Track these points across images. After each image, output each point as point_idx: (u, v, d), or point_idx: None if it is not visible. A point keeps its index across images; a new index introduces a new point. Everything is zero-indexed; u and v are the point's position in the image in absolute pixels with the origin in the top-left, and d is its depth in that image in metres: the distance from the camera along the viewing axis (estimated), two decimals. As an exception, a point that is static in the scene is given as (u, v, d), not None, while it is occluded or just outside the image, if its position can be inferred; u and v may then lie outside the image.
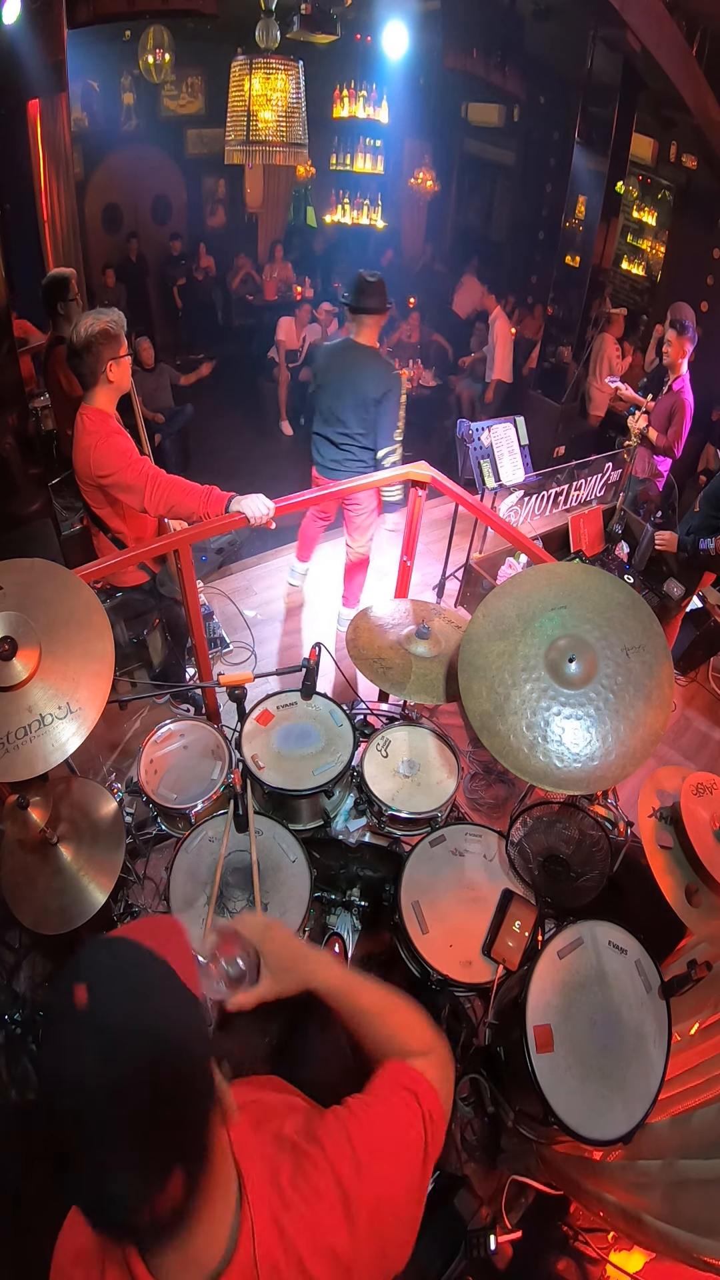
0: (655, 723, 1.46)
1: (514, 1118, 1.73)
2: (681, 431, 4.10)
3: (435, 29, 6.19)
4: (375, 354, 3.20)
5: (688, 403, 4.04)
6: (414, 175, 8.31)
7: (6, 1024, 1.92)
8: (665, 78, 4.99)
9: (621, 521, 3.94)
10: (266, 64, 4.03)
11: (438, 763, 2.03)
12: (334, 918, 2.03)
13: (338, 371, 3.17)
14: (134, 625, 2.54)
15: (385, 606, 2.17)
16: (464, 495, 2.67)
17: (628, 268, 6.94)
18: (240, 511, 2.17)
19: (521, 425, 3.94)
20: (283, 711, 2.07)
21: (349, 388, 3.14)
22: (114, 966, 0.67)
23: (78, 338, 2.19)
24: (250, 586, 4.08)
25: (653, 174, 6.38)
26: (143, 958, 0.69)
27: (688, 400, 4.04)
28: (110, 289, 7.06)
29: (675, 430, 4.11)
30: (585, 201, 6.70)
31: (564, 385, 6.29)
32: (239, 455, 6.52)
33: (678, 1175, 1.35)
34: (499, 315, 6.40)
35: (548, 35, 6.15)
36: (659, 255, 6.63)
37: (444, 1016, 1.87)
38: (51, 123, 4.09)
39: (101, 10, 4.81)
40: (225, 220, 8.54)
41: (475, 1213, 1.62)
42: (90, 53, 6.02)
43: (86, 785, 1.80)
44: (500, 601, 1.65)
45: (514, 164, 7.83)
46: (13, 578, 1.55)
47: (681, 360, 3.99)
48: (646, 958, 1.60)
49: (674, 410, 4.07)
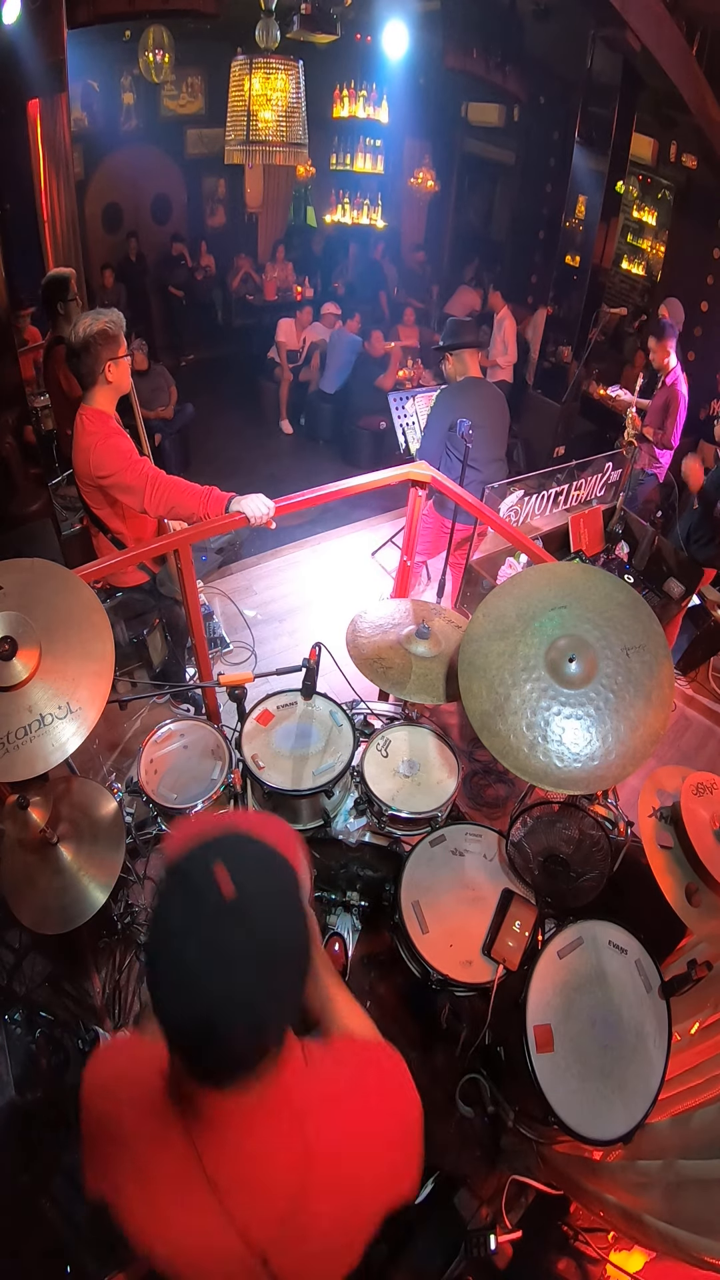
0: (655, 723, 1.46)
1: (514, 1117, 1.73)
2: (677, 422, 4.24)
3: (435, 29, 6.20)
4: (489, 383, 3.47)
5: (681, 394, 4.18)
6: (414, 175, 8.31)
7: (7, 1024, 1.92)
8: (665, 78, 4.99)
9: (621, 521, 3.94)
10: (266, 64, 4.03)
11: (438, 762, 2.03)
12: (334, 918, 2.03)
13: (486, 410, 3.28)
14: (134, 625, 2.54)
15: (385, 606, 2.17)
16: (464, 495, 2.68)
17: (628, 267, 6.94)
18: (240, 511, 2.17)
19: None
20: (283, 711, 2.06)
21: (501, 419, 3.37)
22: (259, 866, 0.75)
23: (76, 338, 2.19)
24: (250, 586, 4.08)
25: (653, 174, 6.37)
26: (280, 862, 0.77)
27: (681, 392, 4.18)
28: (109, 289, 7.06)
29: (671, 421, 4.24)
30: (585, 201, 6.71)
31: (564, 385, 6.29)
32: (239, 455, 6.52)
33: (678, 1175, 1.35)
34: (506, 315, 6.37)
35: (548, 35, 6.15)
36: (659, 255, 6.63)
37: (444, 1016, 1.87)
38: (51, 123, 4.09)
39: (101, 10, 4.81)
40: (225, 220, 8.54)
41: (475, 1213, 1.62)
42: (90, 53, 6.03)
43: (86, 785, 1.80)
44: (500, 601, 1.65)
45: (514, 164, 7.83)
46: (13, 578, 1.55)
47: (666, 359, 4.16)
48: (646, 957, 1.60)
49: (668, 402, 4.22)
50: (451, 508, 2.92)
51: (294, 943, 0.75)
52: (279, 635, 3.74)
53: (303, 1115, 0.80)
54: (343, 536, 4.63)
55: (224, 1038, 0.70)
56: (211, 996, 0.68)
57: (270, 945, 0.71)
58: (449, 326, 3.26)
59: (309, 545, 4.50)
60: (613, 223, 6.53)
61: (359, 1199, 0.84)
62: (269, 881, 0.75)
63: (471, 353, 3.24)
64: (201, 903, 0.70)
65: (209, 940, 0.69)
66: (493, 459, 3.43)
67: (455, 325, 3.25)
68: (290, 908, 0.75)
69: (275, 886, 0.75)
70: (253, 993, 0.70)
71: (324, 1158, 0.80)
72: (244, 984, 0.69)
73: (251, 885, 0.71)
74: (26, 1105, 1.83)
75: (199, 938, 0.69)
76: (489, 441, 3.32)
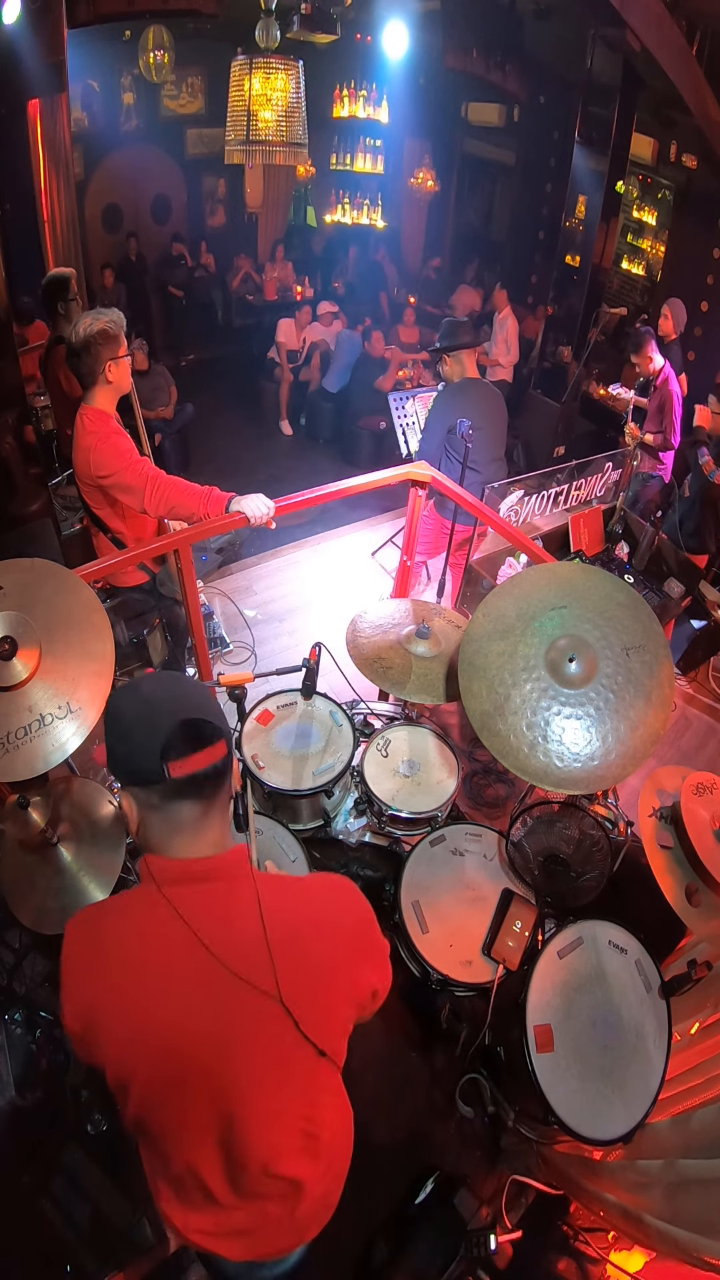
0: (655, 723, 1.46)
1: (514, 1117, 1.73)
2: (674, 421, 4.27)
3: (435, 29, 6.19)
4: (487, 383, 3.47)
5: (674, 393, 4.22)
6: (414, 175, 8.30)
7: (7, 1024, 1.92)
8: (665, 78, 4.99)
9: (621, 521, 3.94)
10: (266, 64, 4.03)
11: (438, 762, 2.03)
12: (334, 917, 2.03)
13: (485, 410, 3.27)
14: (134, 625, 2.54)
15: (385, 606, 2.17)
16: (464, 495, 2.68)
17: (628, 267, 6.94)
18: (240, 511, 2.17)
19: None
20: (283, 711, 2.06)
21: (499, 419, 3.37)
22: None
23: (76, 338, 2.19)
24: (250, 586, 4.08)
25: (653, 174, 6.37)
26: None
27: (673, 391, 4.22)
28: (109, 289, 7.05)
29: (668, 421, 4.27)
30: (585, 201, 6.70)
31: (564, 385, 6.28)
32: (239, 455, 6.52)
33: (678, 1175, 1.35)
34: (508, 315, 6.35)
35: (548, 35, 6.15)
36: (659, 255, 6.63)
37: (444, 1016, 1.87)
38: (51, 123, 4.09)
39: (101, 10, 4.81)
40: (225, 220, 8.54)
41: (475, 1213, 1.63)
42: (90, 53, 6.02)
43: (86, 785, 1.80)
44: (500, 601, 1.65)
45: (514, 164, 7.82)
46: (13, 578, 1.55)
47: (650, 364, 4.25)
48: (646, 957, 1.60)
49: (663, 402, 4.26)
50: (451, 509, 2.92)
51: (202, 686, 1.05)
52: (279, 635, 3.74)
53: (252, 876, 0.95)
54: (343, 536, 4.64)
55: (181, 730, 0.89)
56: (161, 702, 0.92)
57: (193, 683, 1.00)
58: (445, 327, 3.24)
59: (309, 545, 4.50)
60: (613, 223, 6.52)
61: (320, 968, 0.96)
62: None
63: (469, 353, 3.23)
64: (135, 685, 0.98)
65: (149, 679, 1.00)
66: (492, 459, 3.43)
67: (451, 326, 3.23)
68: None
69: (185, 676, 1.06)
70: (190, 697, 0.94)
71: (274, 908, 0.93)
72: (182, 693, 0.94)
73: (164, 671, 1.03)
74: (26, 1105, 1.83)
75: (137, 683, 0.98)
76: (488, 442, 3.32)
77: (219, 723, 0.94)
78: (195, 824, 0.93)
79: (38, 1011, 1.95)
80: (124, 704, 0.94)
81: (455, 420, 3.03)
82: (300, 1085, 0.97)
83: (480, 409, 3.20)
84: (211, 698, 0.98)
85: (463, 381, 3.25)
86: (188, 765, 0.89)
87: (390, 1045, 1.04)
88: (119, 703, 0.95)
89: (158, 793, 0.90)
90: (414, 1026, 1.97)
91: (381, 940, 1.04)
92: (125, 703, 0.94)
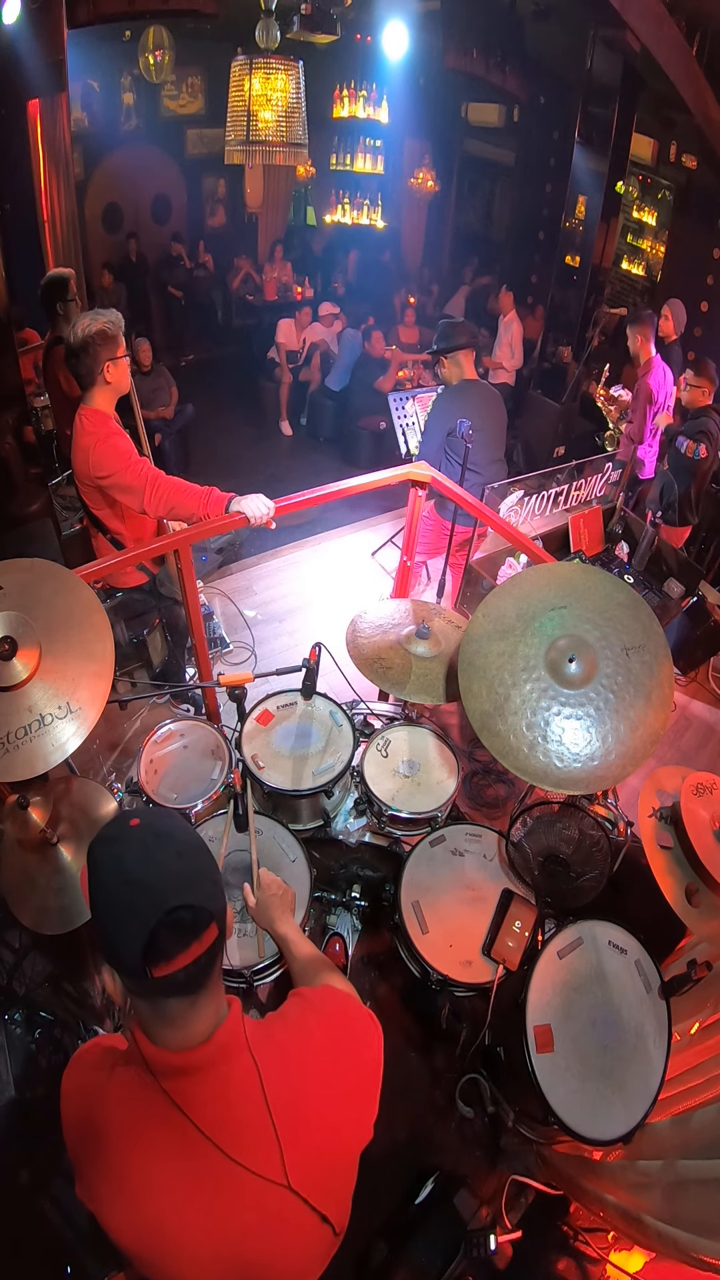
0: (655, 723, 1.46)
1: (514, 1118, 1.73)
2: (645, 416, 4.26)
3: (435, 29, 6.20)
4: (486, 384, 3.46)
5: (648, 388, 4.20)
6: (414, 175, 8.31)
7: (7, 1024, 1.92)
8: (665, 78, 5.00)
9: (621, 521, 3.94)
10: (266, 64, 4.03)
11: (438, 763, 2.02)
12: (334, 917, 2.03)
13: (485, 411, 3.26)
14: (134, 625, 2.54)
15: (385, 606, 2.17)
16: (464, 495, 2.68)
17: (628, 268, 6.94)
18: (240, 511, 2.17)
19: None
20: (283, 711, 2.06)
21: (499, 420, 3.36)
22: (155, 813, 0.92)
23: (75, 338, 2.19)
24: (250, 586, 4.08)
25: (653, 174, 6.38)
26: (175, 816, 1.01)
27: (648, 386, 4.20)
28: (109, 289, 7.05)
29: (638, 415, 4.28)
30: (585, 201, 6.71)
31: (564, 385, 6.29)
32: (239, 455, 6.52)
33: (678, 1175, 1.35)
34: (514, 319, 6.33)
35: (548, 35, 6.15)
36: (659, 255, 6.63)
37: (444, 1017, 1.87)
38: (51, 123, 4.09)
39: (101, 10, 4.82)
40: (225, 220, 8.54)
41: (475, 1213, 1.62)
42: (90, 53, 6.02)
43: (86, 785, 1.80)
44: (500, 601, 1.65)
45: (514, 164, 7.83)
46: (13, 578, 1.55)
47: (640, 349, 4.20)
48: (646, 958, 1.60)
49: (636, 394, 4.28)
50: (452, 509, 2.91)
51: (195, 839, 0.90)
52: (279, 635, 3.74)
53: (250, 1044, 0.91)
54: (343, 536, 4.64)
55: (165, 926, 0.81)
56: (147, 885, 0.82)
57: (185, 841, 0.87)
58: (441, 329, 3.21)
59: (309, 545, 4.50)
60: (613, 223, 6.53)
61: (323, 1130, 0.93)
62: (168, 819, 0.92)
63: (466, 354, 3.21)
64: (120, 828, 0.88)
65: (134, 845, 0.85)
66: (492, 460, 3.43)
67: (448, 327, 3.20)
68: (187, 832, 0.91)
69: (176, 823, 0.91)
70: (180, 875, 0.84)
71: (276, 1081, 0.90)
72: (171, 869, 0.84)
73: (152, 818, 0.90)
74: (27, 1104, 1.83)
75: (121, 848, 0.85)
76: (488, 443, 3.31)
77: (212, 893, 0.87)
78: (185, 1015, 0.87)
79: (38, 1011, 1.95)
80: (106, 877, 0.84)
81: (455, 422, 3.03)
82: (314, 1258, 0.96)
83: (480, 410, 3.20)
84: (206, 854, 0.90)
85: (462, 383, 3.25)
86: (173, 965, 0.82)
87: (390, 1045, 1.03)
88: (101, 873, 0.84)
89: (143, 987, 0.84)
90: (414, 1027, 1.97)
91: (379, 1080, 1.02)
92: (108, 876, 0.84)
